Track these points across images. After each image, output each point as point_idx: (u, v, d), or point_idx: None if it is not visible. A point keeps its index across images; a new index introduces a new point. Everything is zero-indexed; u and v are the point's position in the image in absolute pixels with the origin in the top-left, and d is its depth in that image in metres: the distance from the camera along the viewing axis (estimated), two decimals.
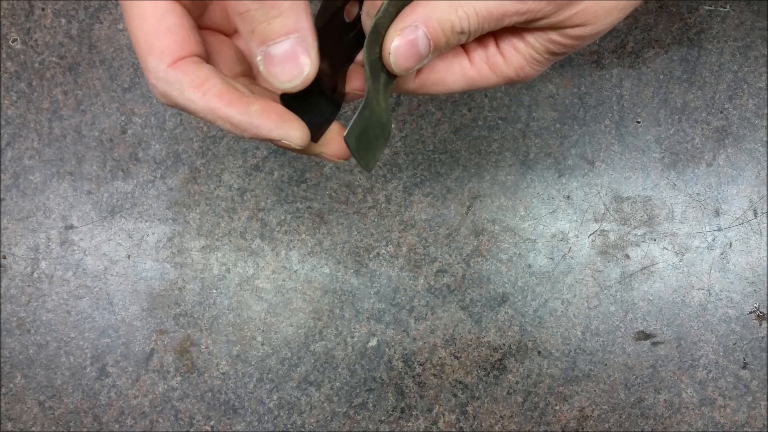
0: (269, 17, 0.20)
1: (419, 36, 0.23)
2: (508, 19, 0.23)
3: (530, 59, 0.25)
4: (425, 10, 0.23)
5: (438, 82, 0.26)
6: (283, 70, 0.21)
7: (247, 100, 0.22)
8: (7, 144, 0.51)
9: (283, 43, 0.20)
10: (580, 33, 0.24)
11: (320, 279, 0.51)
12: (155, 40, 0.22)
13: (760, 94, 0.51)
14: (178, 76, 0.22)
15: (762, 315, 0.50)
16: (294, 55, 0.21)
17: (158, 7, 0.22)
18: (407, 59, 0.23)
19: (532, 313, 0.51)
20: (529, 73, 0.26)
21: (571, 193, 0.51)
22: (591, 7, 0.23)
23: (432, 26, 0.23)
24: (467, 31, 0.23)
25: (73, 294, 0.51)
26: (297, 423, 0.50)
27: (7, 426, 0.50)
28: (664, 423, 0.50)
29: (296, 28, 0.20)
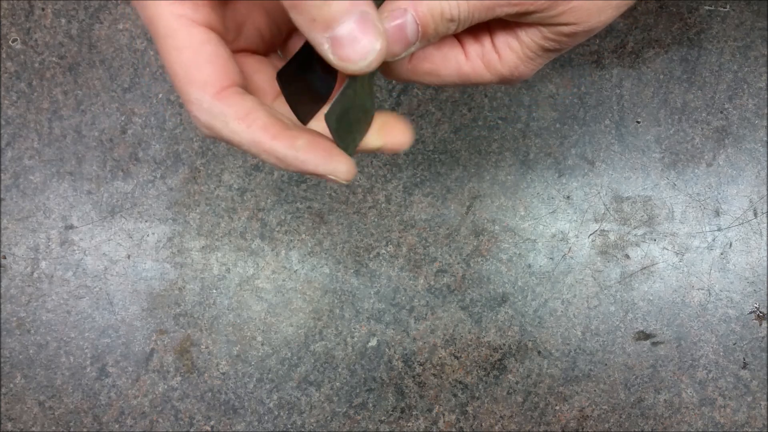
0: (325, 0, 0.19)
1: (408, 20, 0.22)
2: (500, 9, 0.23)
3: (524, 58, 0.25)
4: None
5: (432, 72, 0.26)
6: (355, 50, 0.20)
7: (292, 134, 0.22)
8: (7, 144, 0.51)
9: (348, 22, 0.19)
10: (573, 30, 0.24)
11: (320, 279, 0.51)
12: (195, 71, 0.22)
13: (760, 94, 0.51)
14: (222, 107, 0.22)
15: (762, 315, 0.50)
16: (363, 31, 0.20)
17: (194, 37, 0.22)
18: (395, 43, 0.22)
19: (532, 313, 0.51)
20: (524, 72, 0.26)
21: (571, 193, 0.51)
22: (584, 5, 0.23)
23: (421, 11, 0.22)
24: (457, 18, 0.22)
25: (73, 294, 0.51)
26: (297, 423, 0.50)
27: (7, 426, 0.50)
28: (664, 423, 0.50)
29: (356, 3, 0.19)
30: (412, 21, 0.22)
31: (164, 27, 0.22)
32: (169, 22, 0.21)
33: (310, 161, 0.22)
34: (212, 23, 0.23)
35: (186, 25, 0.22)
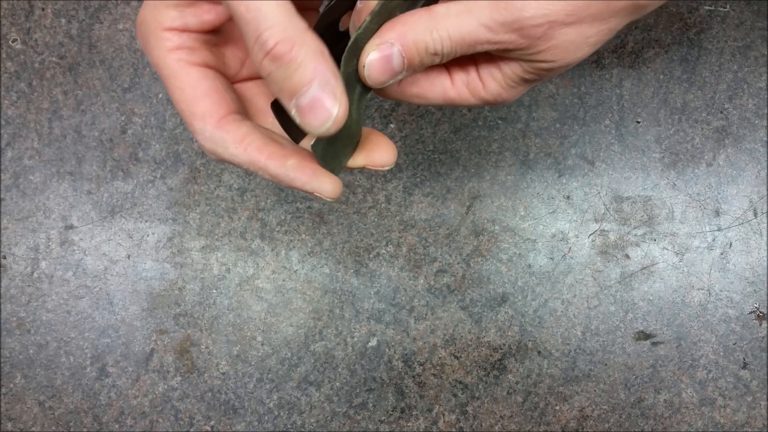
0: (290, 72, 0.22)
1: (394, 53, 0.24)
2: (480, 46, 0.24)
3: (506, 86, 0.27)
4: (402, 28, 0.24)
5: (419, 95, 0.28)
6: (314, 117, 0.22)
7: (284, 154, 0.25)
8: (7, 144, 0.51)
9: (308, 92, 0.22)
10: (550, 66, 0.25)
11: (320, 279, 0.51)
12: (195, 105, 0.25)
13: (760, 94, 0.51)
14: (221, 135, 0.25)
15: (762, 315, 0.50)
16: (320, 100, 0.22)
17: (192, 76, 0.25)
18: (381, 74, 0.24)
19: (532, 313, 0.51)
20: (506, 98, 0.28)
21: (571, 193, 0.51)
22: (561, 44, 0.24)
23: (407, 45, 0.24)
24: (440, 53, 0.24)
25: (73, 294, 0.51)
26: (297, 423, 0.50)
27: (7, 426, 0.50)
28: (664, 423, 0.50)
29: (315, 74, 0.22)
30: (398, 54, 0.24)
31: (167, 70, 0.25)
32: (171, 66, 0.25)
33: (298, 179, 0.25)
34: (208, 62, 0.26)
35: (185, 67, 0.25)
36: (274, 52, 0.21)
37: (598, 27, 0.24)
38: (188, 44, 0.25)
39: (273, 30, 0.21)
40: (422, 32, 0.24)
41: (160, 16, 0.25)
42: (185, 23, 0.25)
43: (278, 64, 0.21)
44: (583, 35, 0.24)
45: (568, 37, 0.24)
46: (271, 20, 0.21)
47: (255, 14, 0.21)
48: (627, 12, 0.24)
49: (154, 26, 0.25)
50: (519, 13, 0.23)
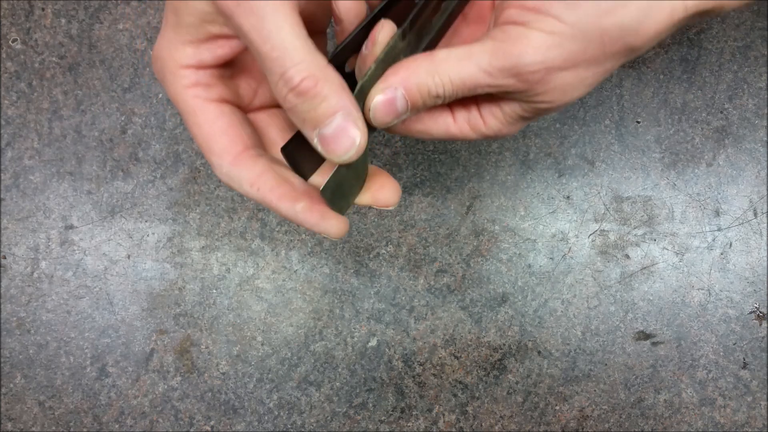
0: (314, 105, 0.23)
1: (398, 96, 0.26)
2: (481, 89, 0.26)
3: (506, 123, 0.28)
4: (406, 73, 0.25)
5: (423, 131, 0.29)
6: (338, 146, 0.24)
7: (294, 195, 0.27)
8: (7, 144, 0.51)
9: (332, 122, 0.23)
10: (548, 107, 0.26)
11: (320, 279, 0.51)
12: (212, 142, 0.26)
13: (760, 94, 0.51)
14: (237, 172, 0.27)
15: (762, 315, 0.50)
16: (344, 130, 0.24)
17: (209, 113, 0.27)
18: (386, 115, 0.26)
19: (532, 313, 0.51)
20: (506, 134, 0.29)
21: (571, 193, 0.51)
22: (559, 87, 0.25)
23: (410, 89, 0.25)
24: (442, 95, 0.26)
25: (73, 294, 0.51)
26: (297, 423, 0.50)
27: (7, 426, 0.50)
28: (664, 423, 0.50)
29: (340, 106, 0.23)
30: (401, 97, 0.26)
31: (185, 106, 0.27)
32: (188, 103, 0.26)
33: (307, 221, 0.27)
34: (225, 97, 0.27)
35: (202, 104, 0.27)
36: (300, 88, 0.23)
37: (593, 70, 0.25)
38: (204, 80, 0.26)
39: (298, 67, 0.22)
40: (424, 77, 0.25)
41: (176, 53, 0.26)
42: (201, 60, 0.26)
43: (303, 99, 0.23)
44: (579, 78, 0.25)
45: (565, 80, 0.25)
46: (296, 58, 0.22)
47: (280, 53, 0.22)
48: (622, 55, 0.25)
49: (171, 64, 0.26)
50: (517, 60, 0.24)
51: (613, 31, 0.24)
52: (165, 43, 0.26)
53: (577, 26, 0.23)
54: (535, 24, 0.24)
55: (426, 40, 0.28)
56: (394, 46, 0.26)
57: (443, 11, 0.28)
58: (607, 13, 0.23)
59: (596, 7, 0.23)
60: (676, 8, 0.24)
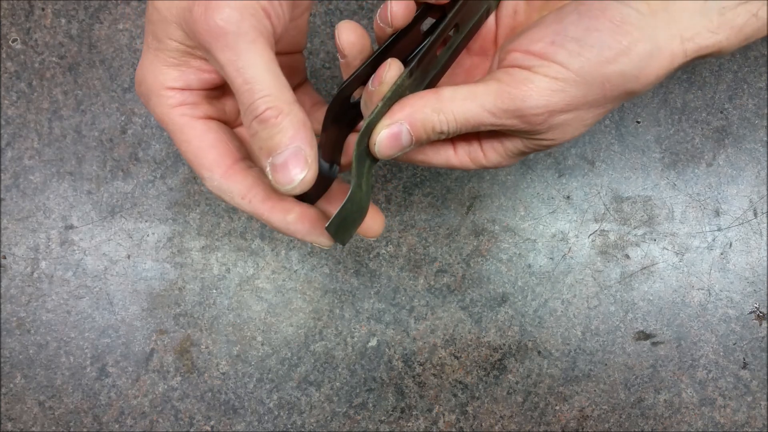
0: (272, 134, 0.24)
1: (403, 131, 0.26)
2: (484, 127, 0.27)
3: (506, 157, 0.29)
4: (411, 110, 0.26)
5: (424, 161, 0.31)
6: (284, 176, 0.24)
7: (285, 207, 0.27)
8: (7, 144, 0.51)
9: (282, 153, 0.24)
10: (549, 144, 0.28)
11: (320, 279, 0.51)
12: (202, 157, 0.27)
13: (760, 94, 0.51)
14: (228, 185, 0.27)
15: (762, 315, 0.50)
16: (293, 163, 0.24)
17: (197, 130, 0.27)
18: (390, 149, 0.27)
19: (532, 313, 0.51)
20: (505, 165, 0.30)
21: (571, 193, 0.51)
22: (560, 127, 0.26)
23: (415, 125, 0.26)
24: (446, 132, 0.27)
25: (73, 294, 0.51)
26: (297, 423, 0.50)
27: (7, 426, 0.50)
28: (664, 423, 0.50)
29: (293, 140, 0.24)
30: (406, 132, 0.26)
31: (173, 125, 0.27)
32: (175, 121, 0.27)
33: (298, 232, 0.27)
34: (211, 114, 0.28)
35: (189, 121, 0.27)
36: (262, 117, 0.24)
37: (594, 112, 0.26)
38: (190, 100, 0.27)
39: (265, 99, 0.24)
40: (430, 114, 0.26)
41: (161, 76, 0.26)
42: (187, 83, 0.27)
43: (263, 126, 0.24)
44: (580, 119, 0.26)
45: (566, 121, 0.26)
46: (265, 91, 0.24)
47: (251, 86, 0.23)
48: (621, 98, 0.26)
49: (156, 86, 0.27)
50: (521, 103, 0.25)
51: (614, 78, 0.25)
52: (148, 65, 0.27)
53: (580, 73, 0.24)
54: (540, 69, 0.25)
55: (431, 74, 0.29)
56: (401, 84, 0.27)
57: (449, 46, 0.29)
58: (609, 61, 0.24)
59: (599, 56, 0.24)
60: (676, 55, 0.24)
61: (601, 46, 0.24)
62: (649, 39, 0.24)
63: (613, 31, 0.24)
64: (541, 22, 0.26)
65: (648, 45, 0.24)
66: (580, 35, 0.24)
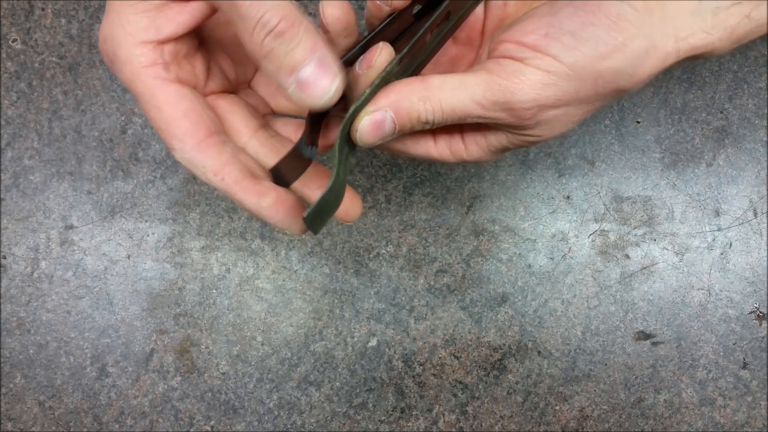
0: (291, 48, 0.22)
1: (387, 119, 0.25)
2: (471, 119, 0.26)
3: (488, 152, 0.28)
4: (397, 97, 0.25)
5: (402, 150, 0.29)
6: (317, 87, 0.23)
7: (259, 190, 0.26)
8: (7, 144, 0.51)
9: (309, 64, 0.23)
10: (535, 140, 0.27)
11: (320, 279, 0.51)
12: (174, 126, 0.25)
13: (760, 94, 0.51)
14: (201, 159, 0.25)
15: (762, 315, 0.50)
16: (322, 73, 0.23)
17: (170, 95, 0.25)
18: (372, 136, 0.26)
19: (532, 313, 0.51)
20: (486, 160, 0.30)
21: (571, 193, 0.51)
22: (548, 122, 0.26)
23: (400, 114, 0.25)
24: (431, 122, 0.26)
25: (73, 294, 0.51)
26: (297, 423, 0.50)
27: (7, 426, 0.50)
28: (664, 423, 0.50)
29: (315, 47, 0.23)
30: (390, 120, 0.25)
31: (143, 88, 0.25)
32: (148, 84, 0.25)
33: (271, 218, 0.26)
34: (183, 77, 0.26)
35: (162, 85, 0.25)
36: (277, 30, 0.22)
37: (584, 108, 0.26)
38: (163, 59, 0.25)
39: (275, 11, 0.22)
40: (416, 102, 0.25)
41: (130, 27, 0.24)
42: (159, 31, 0.25)
43: (280, 41, 0.22)
44: (569, 115, 0.26)
45: (555, 117, 0.25)
46: (270, 2, 0.22)
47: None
48: (611, 96, 0.25)
49: (127, 42, 0.24)
50: (511, 96, 0.24)
51: (608, 75, 0.24)
52: (114, 18, 0.24)
53: (574, 67, 0.24)
54: (532, 61, 0.24)
55: (419, 60, 0.28)
56: (390, 72, 0.26)
57: (438, 33, 0.28)
58: (604, 57, 0.24)
59: (594, 51, 0.23)
60: (669, 54, 0.24)
61: (596, 41, 0.23)
62: (645, 36, 0.23)
63: (609, 27, 0.23)
64: (534, 13, 0.25)
65: (644, 42, 0.23)
66: (575, 29, 0.24)
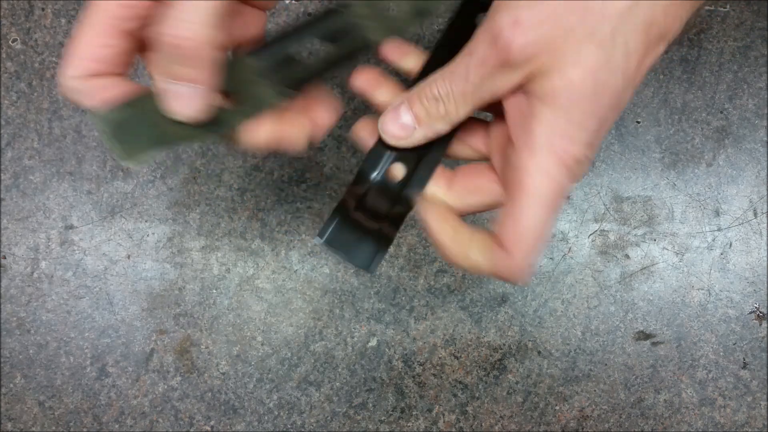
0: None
1: (401, 109, 0.27)
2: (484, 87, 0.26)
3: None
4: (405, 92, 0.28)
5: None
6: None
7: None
8: (7, 144, 0.51)
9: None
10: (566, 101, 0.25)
11: (320, 279, 0.51)
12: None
13: (760, 94, 0.51)
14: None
15: (762, 315, 0.50)
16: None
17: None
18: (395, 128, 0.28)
19: (532, 313, 0.51)
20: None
21: (571, 193, 0.51)
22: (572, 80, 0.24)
23: (411, 98, 0.27)
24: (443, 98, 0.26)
25: (73, 294, 0.51)
26: (297, 423, 0.50)
27: (7, 426, 0.50)
28: (664, 423, 0.50)
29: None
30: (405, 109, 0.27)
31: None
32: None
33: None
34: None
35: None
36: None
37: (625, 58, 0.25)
38: None
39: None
40: (420, 87, 0.27)
41: None
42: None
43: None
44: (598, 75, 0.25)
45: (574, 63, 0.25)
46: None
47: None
48: (655, 44, 0.24)
49: None
50: (495, 29, 0.24)
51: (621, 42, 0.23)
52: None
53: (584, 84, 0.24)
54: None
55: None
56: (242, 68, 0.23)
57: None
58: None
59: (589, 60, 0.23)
60: None
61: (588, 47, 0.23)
62: None
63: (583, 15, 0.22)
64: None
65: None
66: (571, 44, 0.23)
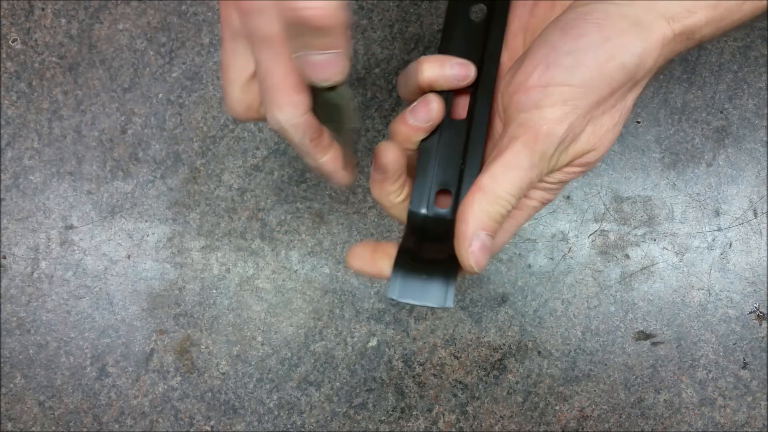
0: None
1: (484, 239, 0.27)
2: (538, 182, 0.27)
3: (543, 200, 0.29)
4: (475, 220, 0.27)
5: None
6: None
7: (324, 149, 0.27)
8: (7, 144, 0.51)
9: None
10: (592, 158, 0.27)
11: (320, 279, 0.51)
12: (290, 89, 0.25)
13: (760, 94, 0.51)
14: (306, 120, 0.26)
15: (762, 315, 0.50)
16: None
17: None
18: (486, 258, 0.28)
19: (532, 313, 0.51)
20: (551, 199, 0.30)
21: (571, 193, 0.51)
22: (590, 140, 0.26)
23: (490, 227, 0.27)
24: (512, 207, 0.27)
25: (73, 294, 0.51)
26: (297, 423, 0.50)
27: (7, 426, 0.50)
28: (664, 423, 0.50)
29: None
30: (486, 237, 0.27)
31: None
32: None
33: (326, 169, 0.28)
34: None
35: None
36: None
37: (608, 112, 0.26)
38: None
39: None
40: (491, 209, 0.26)
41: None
42: None
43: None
44: (602, 125, 0.27)
45: (594, 132, 0.27)
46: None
47: None
48: (628, 87, 0.26)
49: None
50: (549, 144, 0.25)
51: (617, 74, 0.24)
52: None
53: (584, 83, 0.24)
54: (545, 101, 0.25)
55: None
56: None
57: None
58: (606, 59, 0.24)
59: (595, 58, 0.24)
60: (665, 36, 0.24)
61: (594, 49, 0.24)
62: (636, 25, 0.24)
63: (599, 30, 0.24)
64: (528, 53, 0.26)
65: (636, 30, 0.24)
66: (570, 47, 0.24)
